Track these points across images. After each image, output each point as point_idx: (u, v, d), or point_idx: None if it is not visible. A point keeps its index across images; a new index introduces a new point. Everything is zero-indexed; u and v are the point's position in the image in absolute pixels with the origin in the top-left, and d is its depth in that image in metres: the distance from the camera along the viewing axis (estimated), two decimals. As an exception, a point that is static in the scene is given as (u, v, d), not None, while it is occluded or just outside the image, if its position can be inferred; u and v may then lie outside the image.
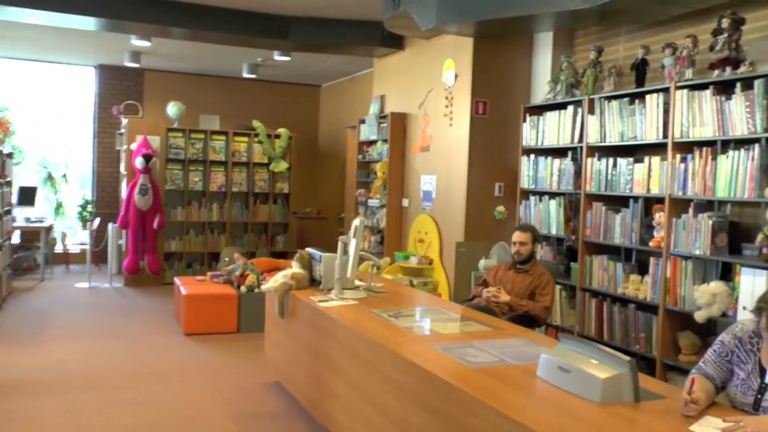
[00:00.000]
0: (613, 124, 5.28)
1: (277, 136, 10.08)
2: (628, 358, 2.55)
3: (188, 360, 5.85)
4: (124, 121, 9.93)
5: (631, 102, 5.14)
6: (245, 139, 9.97)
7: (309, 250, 5.00)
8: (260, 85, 12.13)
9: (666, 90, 4.79)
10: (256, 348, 6.20)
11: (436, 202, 6.96)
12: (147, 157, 8.83)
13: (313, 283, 4.83)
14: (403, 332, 3.55)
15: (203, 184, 9.71)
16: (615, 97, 5.27)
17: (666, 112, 4.79)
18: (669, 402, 2.52)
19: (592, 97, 5.47)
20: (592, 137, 5.46)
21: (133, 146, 9.12)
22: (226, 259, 9.23)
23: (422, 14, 5.91)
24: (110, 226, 9.84)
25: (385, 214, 7.64)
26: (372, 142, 8.24)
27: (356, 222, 4.45)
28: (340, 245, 4.54)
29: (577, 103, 5.67)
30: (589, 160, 5.50)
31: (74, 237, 11.07)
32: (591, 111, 5.48)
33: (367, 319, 3.89)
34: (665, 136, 4.78)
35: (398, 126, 7.56)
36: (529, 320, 4.78)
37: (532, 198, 6.13)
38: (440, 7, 5.71)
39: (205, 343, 6.40)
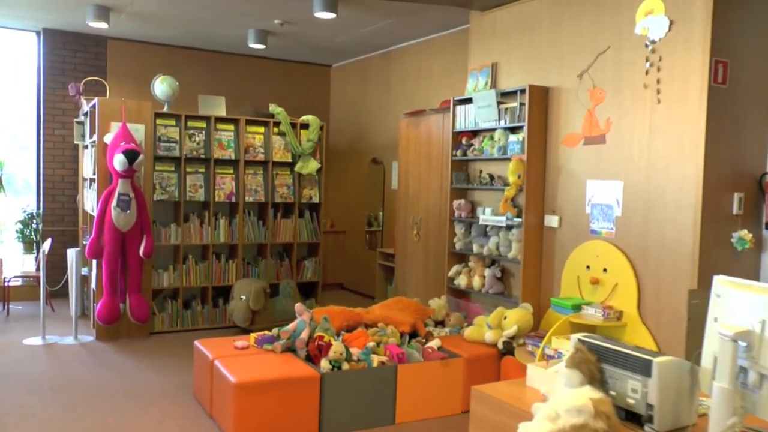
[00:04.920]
0: None
1: (304, 126, 7.41)
2: None
3: None
4: (87, 105, 7.06)
5: None
6: (261, 129, 7.24)
7: (586, 339, 2.45)
8: (258, 63, 9.44)
9: None
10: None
11: (622, 222, 4.50)
12: (131, 155, 6.02)
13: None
14: None
15: (206, 192, 6.94)
16: None
17: None
18: None
19: None
20: None
21: (108, 138, 6.29)
22: (242, 297, 6.56)
23: None
24: (71, 253, 6.96)
25: (520, 237, 5.12)
26: (475, 133, 5.72)
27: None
28: (726, 348, 2.01)
29: None
30: None
31: (14, 265, 8.03)
32: None
33: None
34: None
35: (538, 107, 5.06)
36: None
37: (820, 218, 3.76)
38: None
39: (280, 468, 3.74)
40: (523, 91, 5.08)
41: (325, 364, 4.27)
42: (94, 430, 4.15)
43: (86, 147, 7.29)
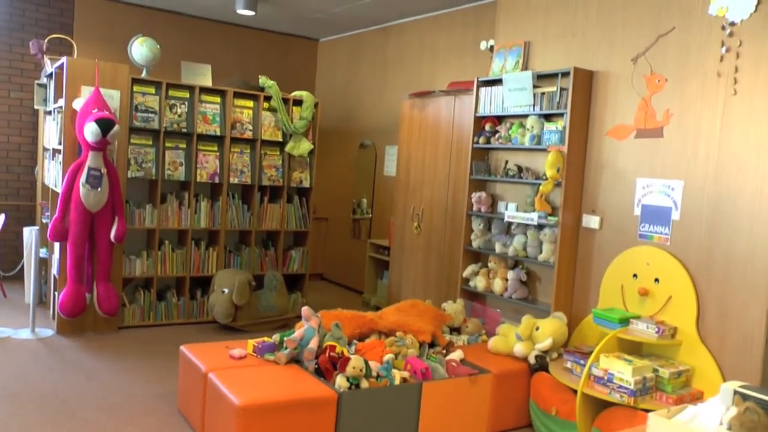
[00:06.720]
0: None
1: (297, 103, 6.71)
2: None
3: None
4: (51, 65, 6.24)
5: None
6: (250, 103, 6.51)
7: (749, 392, 1.89)
8: (240, 33, 8.68)
9: None
10: None
11: (681, 227, 3.98)
12: (105, 124, 5.24)
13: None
14: None
15: (186, 171, 6.19)
16: None
17: None
18: None
19: None
20: None
21: (77, 104, 5.49)
22: (225, 290, 5.88)
23: None
24: (28, 232, 6.16)
25: (553, 238, 4.56)
26: (500, 119, 5.13)
27: None
28: None
29: None
30: None
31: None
32: None
33: None
34: None
35: (581, 93, 4.49)
36: None
37: None
38: None
39: None
40: (565, 74, 4.50)
41: (341, 381, 3.65)
42: (63, 456, 3.45)
43: (49, 113, 6.46)
